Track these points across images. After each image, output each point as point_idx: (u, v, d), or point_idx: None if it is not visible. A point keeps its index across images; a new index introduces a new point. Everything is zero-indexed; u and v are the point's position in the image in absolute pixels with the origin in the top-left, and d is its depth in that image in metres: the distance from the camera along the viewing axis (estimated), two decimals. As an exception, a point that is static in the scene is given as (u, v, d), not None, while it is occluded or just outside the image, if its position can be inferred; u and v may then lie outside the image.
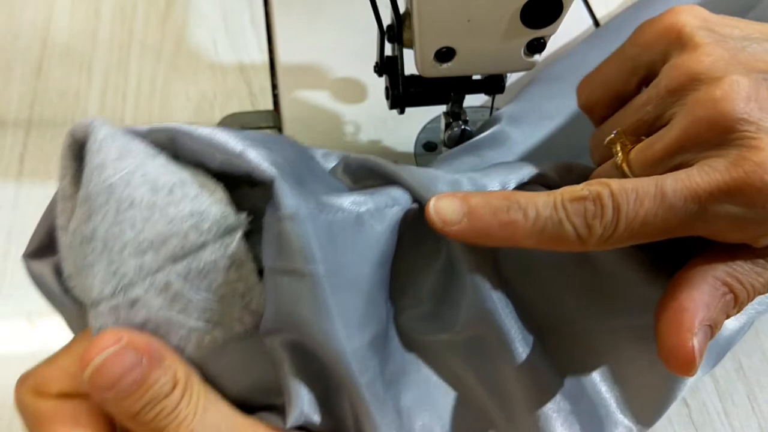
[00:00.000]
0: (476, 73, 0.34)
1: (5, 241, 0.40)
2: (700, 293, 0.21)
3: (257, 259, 0.23)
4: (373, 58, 0.36)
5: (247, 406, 0.24)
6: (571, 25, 0.34)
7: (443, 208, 0.23)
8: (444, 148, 0.39)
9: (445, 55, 0.31)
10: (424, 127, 0.44)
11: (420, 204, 0.25)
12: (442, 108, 0.38)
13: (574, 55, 0.41)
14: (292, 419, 0.22)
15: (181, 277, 0.22)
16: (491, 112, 0.39)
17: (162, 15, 0.50)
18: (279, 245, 0.22)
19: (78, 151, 0.23)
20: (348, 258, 0.22)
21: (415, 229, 0.25)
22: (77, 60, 0.47)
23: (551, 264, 0.26)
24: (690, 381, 0.26)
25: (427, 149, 0.43)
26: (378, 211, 0.24)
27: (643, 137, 0.24)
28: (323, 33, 0.48)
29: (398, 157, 0.43)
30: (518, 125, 0.36)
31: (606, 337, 0.26)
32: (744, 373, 0.37)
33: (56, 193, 0.24)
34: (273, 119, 0.45)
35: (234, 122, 0.45)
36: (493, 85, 0.35)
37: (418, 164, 0.42)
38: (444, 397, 0.26)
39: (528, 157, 0.35)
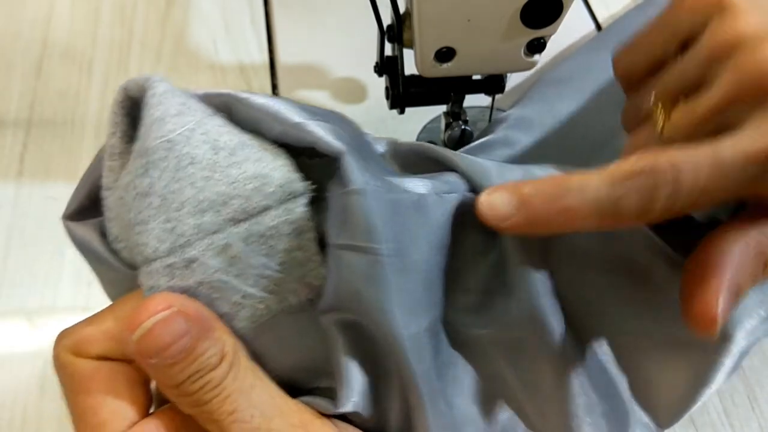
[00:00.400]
0: (476, 73, 0.34)
1: (5, 241, 0.40)
2: (730, 253, 0.21)
3: (317, 230, 0.23)
4: (373, 58, 0.36)
5: (287, 386, 0.23)
6: (572, 25, 0.34)
7: (495, 202, 0.22)
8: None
9: (445, 55, 0.31)
10: (424, 127, 0.44)
11: (476, 192, 0.24)
12: (442, 108, 0.38)
13: (579, 57, 0.41)
14: (346, 404, 0.22)
15: (240, 240, 0.21)
16: (491, 112, 0.39)
17: (162, 15, 0.50)
18: (345, 220, 0.21)
19: (130, 108, 0.23)
20: (411, 240, 0.22)
21: (470, 217, 0.24)
22: (77, 60, 0.47)
23: (603, 270, 0.25)
24: (713, 388, 0.26)
25: (427, 149, 0.43)
26: (438, 195, 0.23)
27: (682, 101, 0.23)
28: (323, 33, 0.48)
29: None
30: (530, 127, 0.36)
31: (643, 342, 0.26)
32: (744, 373, 0.37)
33: (101, 151, 0.23)
34: (273, 119, 0.45)
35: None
36: (493, 85, 0.35)
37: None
38: (483, 392, 0.25)
39: (544, 158, 0.35)
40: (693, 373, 0.25)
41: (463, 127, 0.37)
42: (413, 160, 0.26)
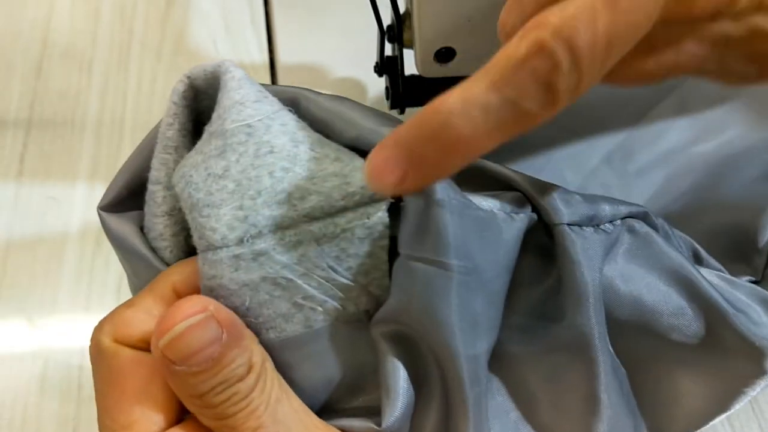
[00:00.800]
0: (476, 73, 0.34)
1: (5, 241, 0.40)
2: None
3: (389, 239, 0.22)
4: (373, 58, 0.36)
5: (314, 404, 0.22)
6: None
7: (374, 170, 0.17)
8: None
9: (445, 55, 0.31)
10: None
11: (539, 213, 0.23)
12: (442, 108, 0.38)
13: None
14: (390, 418, 0.21)
15: (312, 239, 0.20)
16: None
17: (162, 15, 0.50)
18: (422, 231, 0.20)
19: (191, 99, 0.22)
20: (483, 258, 0.21)
21: (534, 238, 0.24)
22: (77, 60, 0.47)
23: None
24: (723, 416, 0.26)
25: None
26: (508, 215, 0.22)
27: None
28: (323, 33, 0.48)
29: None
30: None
31: (670, 366, 0.26)
32: (744, 374, 0.37)
33: (145, 140, 0.22)
34: (273, 119, 0.45)
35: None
36: (493, 85, 0.35)
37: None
38: (513, 411, 0.25)
39: (553, 159, 0.35)
40: (715, 401, 0.25)
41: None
42: (468, 174, 0.24)
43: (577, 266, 0.23)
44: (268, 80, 0.47)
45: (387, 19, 0.33)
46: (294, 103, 0.22)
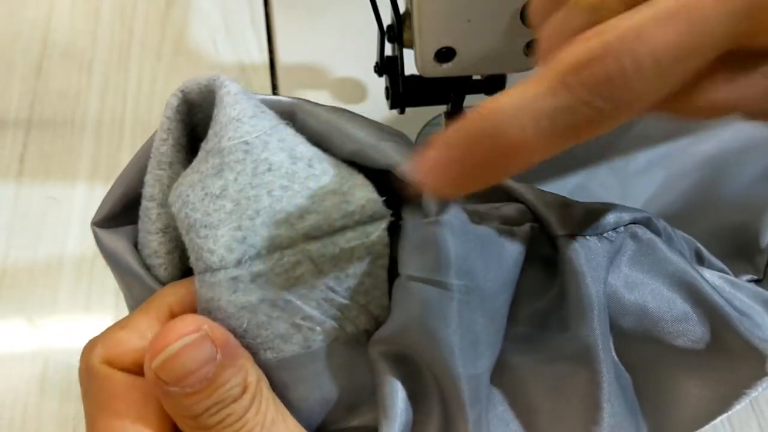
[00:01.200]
0: (476, 73, 0.34)
1: (5, 241, 0.40)
2: None
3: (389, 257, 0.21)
4: (373, 58, 0.36)
5: (309, 424, 0.22)
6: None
7: (422, 171, 0.16)
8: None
9: (445, 55, 0.31)
10: (424, 127, 0.44)
11: (541, 224, 0.23)
12: (442, 108, 0.38)
13: None
14: None
15: (311, 259, 0.20)
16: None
17: (162, 15, 0.50)
18: (422, 251, 0.20)
19: (185, 113, 0.21)
20: (485, 276, 0.21)
21: (537, 249, 0.23)
22: (77, 60, 0.47)
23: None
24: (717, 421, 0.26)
25: (427, 149, 0.43)
26: (509, 230, 0.22)
27: None
28: (323, 33, 0.48)
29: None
30: None
31: (677, 373, 0.26)
32: (744, 373, 0.37)
33: (139, 154, 0.22)
34: (273, 119, 0.45)
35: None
36: (493, 85, 0.35)
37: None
38: (514, 421, 0.24)
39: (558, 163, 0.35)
40: (717, 402, 0.25)
41: (463, 127, 0.37)
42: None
43: (582, 277, 0.22)
44: (268, 80, 0.47)
45: (387, 19, 0.33)
46: (291, 115, 0.22)
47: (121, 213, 0.22)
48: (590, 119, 0.15)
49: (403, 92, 0.35)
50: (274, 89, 0.47)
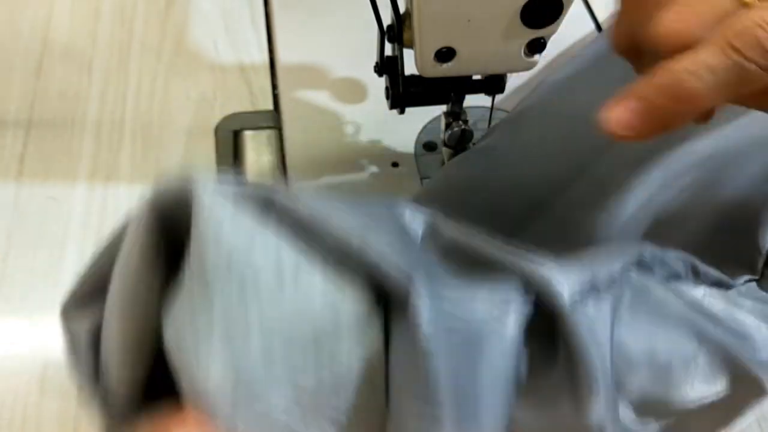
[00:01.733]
0: (476, 73, 0.34)
1: (5, 241, 0.40)
2: None
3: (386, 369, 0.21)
4: (373, 58, 0.36)
5: None
6: (572, 25, 0.34)
7: (616, 119, 0.20)
8: (444, 148, 0.39)
9: (445, 55, 0.31)
10: (424, 127, 0.44)
11: (538, 296, 0.22)
12: (442, 108, 0.38)
13: (583, 59, 0.40)
14: None
15: (311, 379, 0.20)
16: (491, 113, 0.39)
17: (162, 15, 0.50)
18: (412, 380, 0.20)
19: (159, 226, 0.21)
20: (479, 384, 0.21)
21: (535, 327, 0.22)
22: (77, 60, 0.47)
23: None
24: None
25: (427, 149, 0.43)
26: (500, 323, 0.21)
27: None
28: (323, 33, 0.48)
29: (398, 158, 0.43)
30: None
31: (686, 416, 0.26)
32: (744, 373, 0.37)
33: (112, 242, 0.22)
34: (273, 119, 0.45)
35: (234, 122, 0.45)
36: (493, 85, 0.35)
37: (418, 164, 0.43)
38: None
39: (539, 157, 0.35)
40: (719, 424, 0.25)
41: (463, 127, 0.37)
42: (457, 254, 0.24)
43: (585, 350, 0.21)
44: (268, 80, 0.48)
45: (387, 19, 0.33)
46: (268, 204, 0.21)
47: (91, 293, 0.23)
48: (755, 74, 0.19)
49: (403, 92, 0.35)
50: (274, 89, 0.47)
